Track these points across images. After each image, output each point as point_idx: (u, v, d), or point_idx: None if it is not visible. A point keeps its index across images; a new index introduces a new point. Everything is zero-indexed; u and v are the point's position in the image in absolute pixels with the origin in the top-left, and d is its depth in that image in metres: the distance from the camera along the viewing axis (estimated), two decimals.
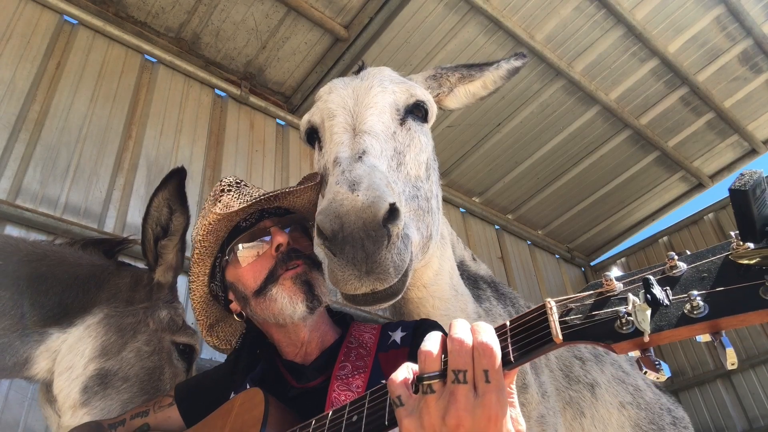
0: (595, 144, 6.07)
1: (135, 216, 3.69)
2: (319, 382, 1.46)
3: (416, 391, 0.86)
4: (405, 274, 1.35)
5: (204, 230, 1.60)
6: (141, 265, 2.25)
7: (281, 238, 1.52)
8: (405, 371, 0.90)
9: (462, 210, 6.33)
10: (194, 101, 4.49)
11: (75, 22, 4.07)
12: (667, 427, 2.72)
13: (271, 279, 1.49)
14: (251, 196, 1.64)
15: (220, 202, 1.65)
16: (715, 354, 6.46)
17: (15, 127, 3.42)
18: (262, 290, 1.49)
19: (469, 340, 0.85)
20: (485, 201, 6.56)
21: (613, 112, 5.66)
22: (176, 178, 2.03)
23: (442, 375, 0.84)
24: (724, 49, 5.31)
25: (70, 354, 1.86)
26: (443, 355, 0.86)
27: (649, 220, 7.19)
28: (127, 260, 2.35)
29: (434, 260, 1.84)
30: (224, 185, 1.70)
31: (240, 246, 1.56)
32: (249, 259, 1.54)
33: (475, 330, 0.86)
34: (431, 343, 0.88)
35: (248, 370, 1.59)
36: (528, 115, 5.63)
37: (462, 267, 2.24)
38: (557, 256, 7.26)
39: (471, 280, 2.28)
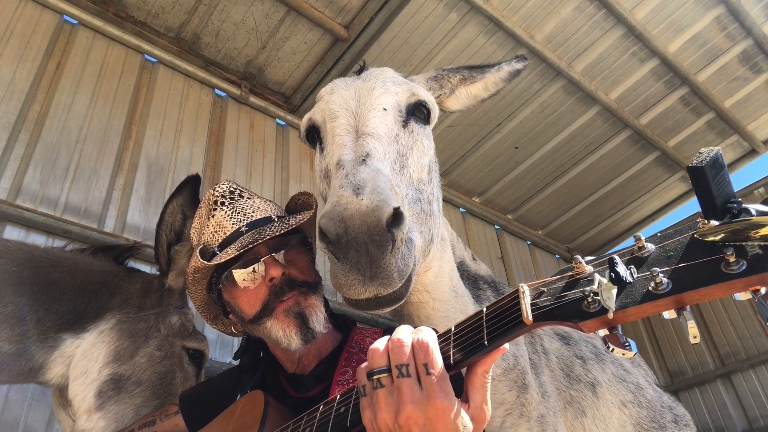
0: (595, 144, 6.07)
1: (135, 216, 3.69)
2: (318, 391, 1.46)
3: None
4: (409, 279, 1.34)
5: (192, 269, 1.60)
6: (144, 267, 2.26)
7: (274, 272, 1.48)
8: None
9: (462, 210, 6.33)
10: (194, 101, 4.48)
11: (75, 22, 4.06)
12: (669, 425, 2.72)
13: (265, 312, 1.48)
14: (244, 214, 1.60)
15: (213, 217, 1.62)
16: (715, 354, 6.47)
17: (15, 127, 3.41)
18: (256, 320, 1.49)
19: (407, 340, 0.92)
20: (485, 201, 6.56)
21: (613, 112, 5.66)
22: (191, 185, 2.06)
23: (389, 370, 0.90)
24: (724, 49, 5.31)
25: (85, 359, 1.89)
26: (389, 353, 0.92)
27: (649, 220, 7.19)
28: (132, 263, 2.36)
29: (434, 262, 1.84)
30: (217, 195, 1.66)
31: (233, 272, 1.53)
32: (243, 285, 1.51)
33: (415, 331, 0.94)
34: (379, 342, 0.95)
35: (250, 374, 1.60)
36: (528, 115, 5.62)
37: (462, 267, 2.24)
38: (557, 256, 7.26)
39: (471, 280, 2.28)
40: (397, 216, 1.25)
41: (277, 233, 1.51)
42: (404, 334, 0.93)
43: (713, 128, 6.05)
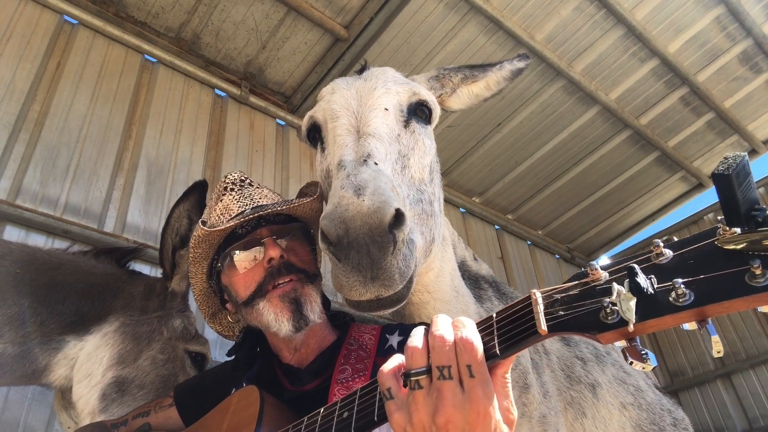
0: (595, 144, 6.07)
1: (135, 216, 3.69)
2: (315, 386, 1.45)
3: (405, 386, 0.86)
4: (410, 280, 1.33)
5: (194, 241, 1.61)
6: (145, 268, 2.26)
7: (273, 252, 1.49)
8: (395, 363, 0.90)
9: (462, 210, 6.32)
10: (194, 101, 4.48)
11: (75, 22, 4.06)
12: (668, 428, 2.71)
13: (259, 293, 1.48)
14: (251, 199, 1.63)
15: (221, 201, 1.66)
16: None
17: (15, 127, 3.41)
18: (249, 302, 1.49)
19: (450, 336, 0.85)
20: (485, 201, 6.56)
21: (613, 112, 5.66)
22: (198, 190, 2.07)
23: (429, 371, 0.84)
24: (724, 49, 5.31)
25: (88, 362, 1.90)
26: (428, 351, 0.86)
27: (649, 220, 7.19)
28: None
29: (435, 263, 1.83)
30: (228, 182, 1.70)
31: (234, 253, 1.55)
32: (241, 267, 1.53)
33: (456, 325, 0.87)
34: (416, 338, 0.88)
35: (246, 368, 1.59)
36: (528, 115, 5.62)
37: (463, 267, 2.24)
38: (557, 256, 7.25)
39: (472, 280, 2.28)
40: (398, 217, 1.25)
41: (276, 209, 1.54)
42: (445, 329, 0.86)
43: (713, 128, 6.05)
